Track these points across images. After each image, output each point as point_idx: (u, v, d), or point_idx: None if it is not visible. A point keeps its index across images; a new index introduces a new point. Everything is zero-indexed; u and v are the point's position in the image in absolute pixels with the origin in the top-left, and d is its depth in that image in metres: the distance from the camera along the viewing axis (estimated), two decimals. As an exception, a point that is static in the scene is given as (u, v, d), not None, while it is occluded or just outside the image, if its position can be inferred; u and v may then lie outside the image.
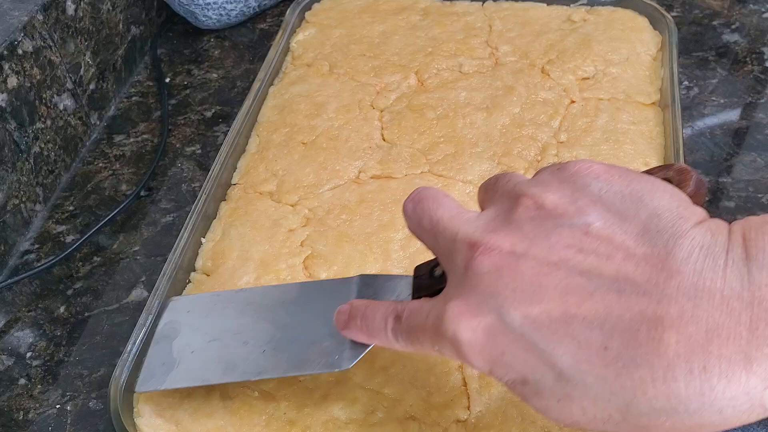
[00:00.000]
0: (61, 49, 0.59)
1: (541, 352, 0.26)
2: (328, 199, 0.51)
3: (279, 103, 0.60)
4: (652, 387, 0.24)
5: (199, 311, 0.44)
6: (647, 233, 0.25)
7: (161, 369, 0.41)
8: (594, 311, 0.25)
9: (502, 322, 0.26)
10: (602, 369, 0.25)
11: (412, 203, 0.33)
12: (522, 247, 0.27)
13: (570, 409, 0.26)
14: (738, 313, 0.23)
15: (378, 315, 0.33)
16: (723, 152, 0.57)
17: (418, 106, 0.57)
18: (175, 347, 0.42)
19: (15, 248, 0.55)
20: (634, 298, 0.24)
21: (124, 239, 0.56)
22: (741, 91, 0.62)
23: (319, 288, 0.43)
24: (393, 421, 0.39)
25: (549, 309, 0.26)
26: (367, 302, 0.35)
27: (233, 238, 0.49)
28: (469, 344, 0.27)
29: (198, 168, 0.61)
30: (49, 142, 0.58)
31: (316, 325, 0.40)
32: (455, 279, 0.29)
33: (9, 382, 0.47)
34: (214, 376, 0.40)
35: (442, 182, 0.51)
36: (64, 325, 0.50)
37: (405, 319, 0.32)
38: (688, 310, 0.23)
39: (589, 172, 0.28)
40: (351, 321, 0.35)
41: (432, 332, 0.29)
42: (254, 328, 0.41)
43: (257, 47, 0.74)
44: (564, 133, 0.54)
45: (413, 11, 0.67)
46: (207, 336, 0.42)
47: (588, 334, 0.25)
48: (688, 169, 0.31)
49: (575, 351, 0.25)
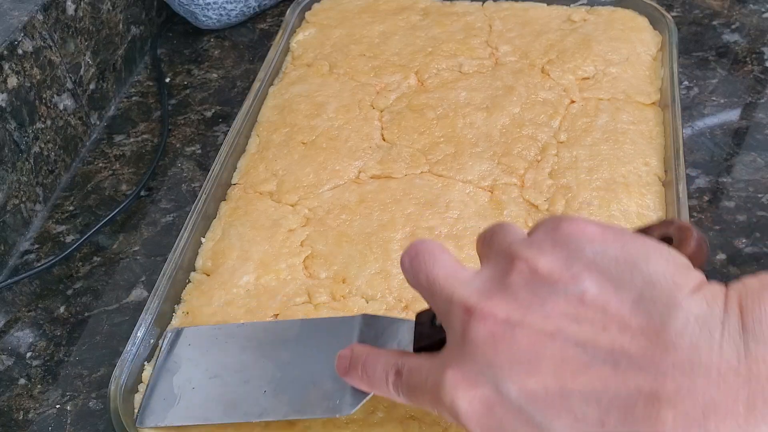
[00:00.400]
0: (61, 49, 0.59)
1: (539, 425, 0.26)
2: (328, 199, 0.51)
3: (279, 103, 0.60)
4: None
5: (201, 345, 0.43)
6: (642, 302, 0.25)
7: (162, 404, 0.41)
8: (590, 385, 0.25)
9: (499, 394, 0.26)
10: None
11: (409, 257, 0.32)
12: (517, 315, 0.27)
13: None
14: (735, 389, 0.23)
15: (379, 366, 0.33)
16: (723, 152, 0.57)
17: (418, 106, 0.57)
18: (176, 382, 0.42)
19: (15, 248, 0.55)
20: (631, 373, 0.24)
21: (124, 239, 0.55)
22: (741, 91, 0.62)
23: (320, 326, 0.42)
24: (393, 420, 0.39)
25: (545, 382, 0.26)
26: (368, 350, 0.35)
27: (233, 237, 0.49)
28: (467, 414, 0.27)
29: (198, 168, 0.61)
30: (49, 142, 0.58)
31: (317, 365, 0.40)
32: (453, 339, 0.29)
33: (9, 381, 0.47)
34: (214, 415, 0.40)
35: (442, 182, 0.51)
36: (64, 325, 0.50)
37: (405, 376, 0.32)
38: (685, 387, 0.23)
39: (584, 235, 0.27)
40: (352, 369, 0.35)
41: (431, 396, 0.29)
42: (255, 367, 0.41)
43: (257, 47, 0.74)
44: (564, 133, 0.54)
45: (413, 11, 0.67)
46: (208, 372, 0.42)
47: (585, 409, 0.25)
48: (689, 228, 0.30)
49: (572, 425, 0.25)
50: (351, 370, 0.35)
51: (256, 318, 0.44)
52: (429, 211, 0.49)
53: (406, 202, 0.50)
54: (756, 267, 0.49)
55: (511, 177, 0.51)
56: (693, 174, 0.56)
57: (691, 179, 0.55)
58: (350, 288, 0.45)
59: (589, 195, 0.49)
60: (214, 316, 0.45)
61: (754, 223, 0.52)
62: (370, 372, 0.34)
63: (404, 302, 0.44)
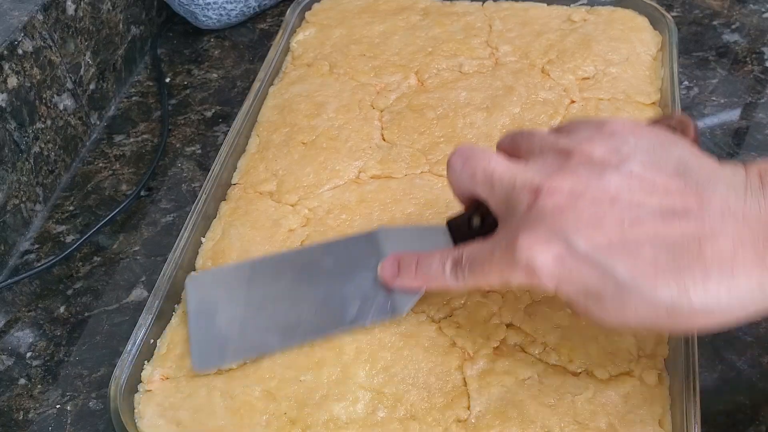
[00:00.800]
0: (61, 49, 0.59)
1: (603, 268, 0.32)
2: (328, 199, 0.51)
3: (279, 103, 0.60)
4: (693, 290, 0.30)
5: (230, 283, 0.44)
6: (678, 173, 0.32)
7: (213, 347, 0.41)
8: (645, 234, 0.31)
9: (569, 249, 0.32)
10: (653, 278, 0.31)
11: (462, 159, 0.37)
12: (580, 188, 0.33)
13: (624, 311, 0.32)
14: (756, 230, 0.30)
15: (434, 262, 0.38)
16: (723, 152, 0.57)
17: (418, 106, 0.57)
18: (220, 323, 0.42)
19: (15, 248, 0.55)
20: (676, 222, 0.31)
21: (124, 239, 0.56)
22: (741, 91, 0.63)
23: (344, 246, 0.44)
24: (394, 420, 0.39)
25: (608, 235, 0.32)
26: (417, 253, 0.40)
27: (233, 237, 0.49)
28: (542, 268, 0.33)
29: (198, 168, 0.61)
30: (49, 142, 0.58)
31: (356, 280, 0.42)
32: (514, 220, 0.35)
33: (9, 382, 0.47)
34: (274, 344, 0.41)
35: (442, 182, 0.51)
36: (64, 325, 0.50)
37: (465, 260, 0.37)
38: (719, 228, 0.30)
39: (625, 130, 0.35)
40: (404, 271, 0.40)
41: (500, 263, 0.35)
42: (296, 291, 0.42)
43: (257, 47, 0.74)
44: (564, 133, 0.54)
45: (413, 11, 0.67)
46: (250, 306, 0.42)
47: (641, 252, 0.31)
48: (689, 120, 0.38)
49: (632, 266, 0.31)
50: (403, 272, 0.40)
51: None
52: (429, 211, 0.49)
53: (406, 202, 0.50)
54: (756, 267, 0.49)
55: (511, 177, 0.51)
56: (693, 174, 0.56)
57: (691, 179, 0.55)
58: (350, 288, 0.45)
59: (589, 195, 0.49)
60: (214, 316, 0.45)
61: (753, 223, 0.52)
62: (425, 269, 0.39)
63: (404, 302, 0.44)
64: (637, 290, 0.31)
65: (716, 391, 0.43)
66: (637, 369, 0.40)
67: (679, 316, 0.31)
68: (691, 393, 0.37)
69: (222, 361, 0.41)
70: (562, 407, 0.39)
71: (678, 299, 0.31)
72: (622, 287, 0.32)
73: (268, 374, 0.42)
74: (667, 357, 0.41)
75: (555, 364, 0.41)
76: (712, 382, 0.43)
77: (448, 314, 0.43)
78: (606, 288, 0.32)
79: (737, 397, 0.43)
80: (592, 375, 0.40)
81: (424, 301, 0.44)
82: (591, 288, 0.32)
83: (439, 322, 0.43)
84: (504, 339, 0.42)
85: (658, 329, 0.37)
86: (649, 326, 0.33)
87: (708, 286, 0.30)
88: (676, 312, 0.31)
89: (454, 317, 0.43)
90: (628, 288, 0.31)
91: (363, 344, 0.42)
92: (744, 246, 0.30)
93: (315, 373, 0.41)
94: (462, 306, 0.44)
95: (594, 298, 0.33)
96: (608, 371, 0.40)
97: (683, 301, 0.31)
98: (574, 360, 0.41)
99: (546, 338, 0.42)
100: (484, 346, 0.42)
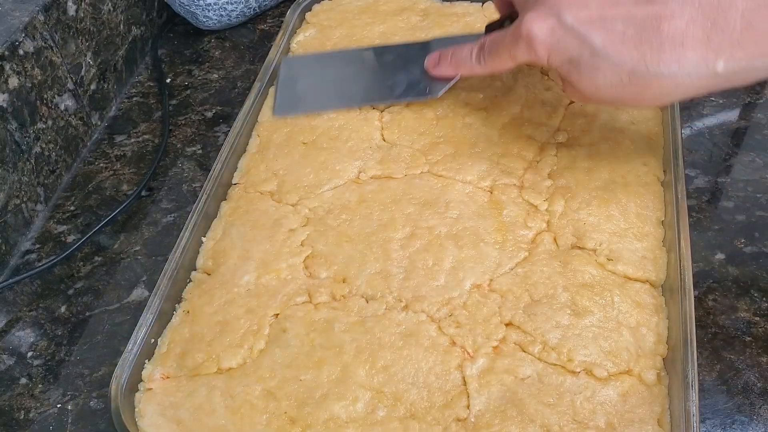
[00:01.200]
0: (62, 49, 0.60)
1: (583, 37, 0.41)
2: (328, 199, 0.51)
3: (279, 104, 0.60)
4: (649, 56, 0.39)
5: (312, 66, 0.60)
6: None
7: (291, 103, 0.58)
8: (619, 13, 0.40)
9: (560, 22, 0.42)
10: (621, 45, 0.40)
11: None
12: None
13: (596, 76, 0.42)
14: (708, 14, 0.38)
15: (465, 50, 0.51)
16: (722, 152, 0.58)
17: (417, 107, 0.57)
18: (299, 88, 0.59)
19: (16, 248, 0.55)
20: (644, 5, 0.40)
21: (125, 239, 0.56)
22: (740, 92, 0.63)
23: (403, 48, 0.59)
24: (394, 419, 0.39)
25: (590, 12, 0.41)
26: (454, 46, 0.52)
27: (234, 237, 0.49)
28: (537, 37, 0.43)
29: (199, 168, 0.61)
30: (50, 142, 0.58)
31: (407, 69, 0.56)
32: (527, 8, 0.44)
33: (10, 381, 0.47)
34: (338, 104, 0.57)
35: (442, 182, 0.51)
36: (65, 324, 0.50)
37: (487, 45, 0.48)
38: (678, 11, 0.39)
39: None
40: (442, 59, 0.53)
41: (510, 42, 0.45)
42: (360, 73, 0.59)
43: (258, 48, 0.74)
44: (563, 133, 0.54)
45: (413, 12, 0.68)
46: (324, 80, 0.59)
47: (614, 26, 0.40)
48: None
49: (605, 36, 0.41)
50: (441, 61, 0.53)
51: (257, 317, 0.45)
52: (429, 211, 0.49)
53: (406, 202, 0.50)
54: (755, 267, 0.49)
55: (511, 177, 0.51)
56: (692, 174, 0.56)
57: (690, 179, 0.55)
58: (350, 288, 0.46)
59: (588, 195, 0.49)
60: (215, 315, 0.45)
61: (753, 223, 0.52)
62: (458, 56, 0.52)
63: (404, 302, 0.44)
64: (606, 57, 0.41)
65: (715, 391, 0.43)
66: (636, 368, 0.40)
67: (638, 81, 0.40)
68: (690, 392, 0.37)
69: (294, 112, 0.57)
70: (562, 406, 0.39)
71: (636, 65, 0.40)
72: (596, 54, 0.41)
73: (268, 374, 0.42)
74: (666, 356, 0.41)
75: (554, 363, 0.41)
76: (712, 381, 0.44)
77: (448, 314, 0.44)
78: (583, 55, 0.41)
79: (736, 397, 0.43)
80: (592, 374, 0.40)
81: (424, 301, 0.44)
82: (573, 56, 0.42)
83: (438, 321, 0.43)
84: (503, 338, 0.42)
85: (623, 100, 0.43)
86: (616, 96, 0.42)
87: (662, 56, 0.39)
88: (636, 77, 0.40)
89: (454, 317, 0.43)
90: (600, 55, 0.41)
91: (363, 343, 0.42)
92: (695, 26, 0.38)
93: (315, 373, 0.41)
94: (462, 305, 0.44)
95: (575, 65, 0.42)
96: (607, 370, 0.40)
97: (641, 68, 0.40)
98: (573, 359, 0.41)
99: (545, 337, 0.42)
100: (484, 346, 0.42)
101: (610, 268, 0.45)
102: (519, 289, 0.44)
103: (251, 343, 0.43)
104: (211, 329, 0.44)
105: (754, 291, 0.48)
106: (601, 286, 0.44)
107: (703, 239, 0.52)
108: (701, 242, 0.51)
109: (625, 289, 0.44)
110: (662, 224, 0.48)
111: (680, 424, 0.37)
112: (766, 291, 0.48)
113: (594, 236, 0.47)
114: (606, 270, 0.45)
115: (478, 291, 0.44)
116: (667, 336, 0.42)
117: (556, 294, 0.44)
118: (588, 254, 0.46)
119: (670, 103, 0.44)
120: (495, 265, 0.46)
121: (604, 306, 0.43)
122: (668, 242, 0.46)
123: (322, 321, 0.44)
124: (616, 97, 0.43)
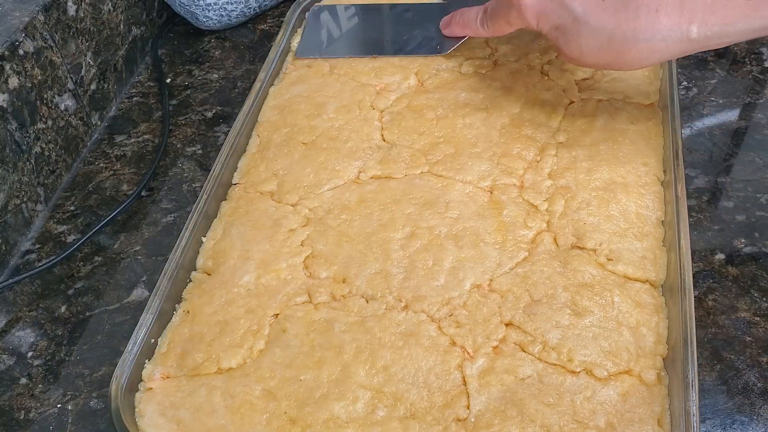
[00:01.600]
0: (62, 49, 0.60)
1: (566, 5, 0.45)
2: (328, 199, 0.51)
3: (279, 103, 0.60)
4: (625, 22, 0.43)
5: (337, 16, 0.66)
6: None
7: (315, 47, 0.63)
8: None
9: None
10: (600, 12, 0.44)
11: None
12: None
13: (578, 41, 0.46)
14: None
15: (472, 12, 0.56)
16: (722, 152, 0.58)
17: (417, 107, 0.58)
18: (323, 35, 0.64)
19: (16, 248, 0.55)
20: None
21: (125, 239, 0.56)
22: (740, 92, 0.63)
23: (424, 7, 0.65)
24: (394, 419, 0.39)
25: None
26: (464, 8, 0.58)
27: (234, 237, 0.49)
28: (526, 4, 0.48)
29: (199, 168, 0.61)
30: (50, 142, 0.58)
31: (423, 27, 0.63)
32: None
33: (10, 381, 0.47)
34: (357, 52, 0.63)
35: (442, 182, 0.51)
36: (65, 324, 0.50)
37: (489, 9, 0.54)
38: None
39: None
40: (453, 21, 0.59)
41: (506, 9, 0.50)
42: (382, 27, 0.65)
43: (258, 48, 0.74)
44: (563, 134, 0.54)
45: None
46: (347, 30, 0.65)
47: None
48: None
49: (585, 3, 0.44)
50: (452, 22, 0.59)
51: (257, 317, 0.45)
52: (429, 211, 0.49)
53: (406, 202, 0.50)
54: (755, 267, 0.49)
55: (511, 177, 0.51)
56: (692, 174, 0.56)
57: (690, 179, 0.55)
58: (350, 288, 0.46)
59: (588, 195, 0.49)
60: (215, 315, 0.45)
61: (753, 223, 0.52)
62: (466, 17, 0.57)
63: (404, 302, 0.44)
64: (586, 23, 0.44)
65: (715, 391, 0.43)
66: (636, 368, 0.40)
67: (616, 46, 0.44)
68: (690, 392, 0.37)
69: (316, 55, 0.63)
70: (562, 406, 0.39)
71: (614, 31, 0.43)
72: (577, 21, 0.45)
73: (268, 374, 0.42)
74: (666, 356, 0.41)
75: (554, 363, 0.41)
76: (712, 381, 0.44)
77: (448, 314, 0.44)
78: (566, 21, 0.46)
79: (736, 397, 0.43)
80: (592, 374, 0.40)
81: (424, 301, 0.44)
82: (558, 23, 0.46)
83: (438, 321, 0.43)
84: (503, 338, 0.42)
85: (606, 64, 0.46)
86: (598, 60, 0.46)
87: (637, 23, 0.42)
88: (614, 42, 0.44)
89: (454, 317, 0.43)
90: (581, 21, 0.45)
91: (363, 343, 0.42)
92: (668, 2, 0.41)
93: (315, 373, 0.41)
94: (462, 305, 0.44)
95: (561, 31, 0.46)
96: (607, 370, 0.40)
97: (618, 34, 0.43)
98: (573, 359, 0.41)
99: (545, 337, 0.42)
100: (484, 346, 0.42)
101: (610, 268, 0.45)
102: (519, 289, 0.44)
103: (251, 343, 0.43)
104: (211, 329, 0.44)
105: (754, 291, 0.48)
106: (601, 286, 0.44)
107: (703, 239, 0.52)
108: (701, 242, 0.51)
109: (625, 289, 0.44)
110: (662, 224, 0.48)
111: (680, 424, 0.37)
112: (766, 291, 0.48)
113: (594, 236, 0.47)
114: (606, 270, 0.45)
115: (478, 291, 0.45)
116: (667, 336, 0.42)
117: (556, 294, 0.44)
118: (588, 254, 0.46)
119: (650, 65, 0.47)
120: (495, 265, 0.46)
121: (604, 306, 0.43)
122: (668, 242, 0.46)
123: (322, 321, 0.44)
124: (599, 61, 0.46)
